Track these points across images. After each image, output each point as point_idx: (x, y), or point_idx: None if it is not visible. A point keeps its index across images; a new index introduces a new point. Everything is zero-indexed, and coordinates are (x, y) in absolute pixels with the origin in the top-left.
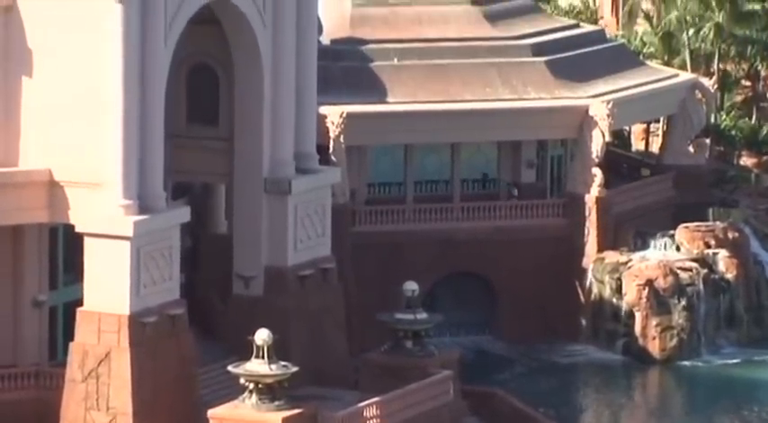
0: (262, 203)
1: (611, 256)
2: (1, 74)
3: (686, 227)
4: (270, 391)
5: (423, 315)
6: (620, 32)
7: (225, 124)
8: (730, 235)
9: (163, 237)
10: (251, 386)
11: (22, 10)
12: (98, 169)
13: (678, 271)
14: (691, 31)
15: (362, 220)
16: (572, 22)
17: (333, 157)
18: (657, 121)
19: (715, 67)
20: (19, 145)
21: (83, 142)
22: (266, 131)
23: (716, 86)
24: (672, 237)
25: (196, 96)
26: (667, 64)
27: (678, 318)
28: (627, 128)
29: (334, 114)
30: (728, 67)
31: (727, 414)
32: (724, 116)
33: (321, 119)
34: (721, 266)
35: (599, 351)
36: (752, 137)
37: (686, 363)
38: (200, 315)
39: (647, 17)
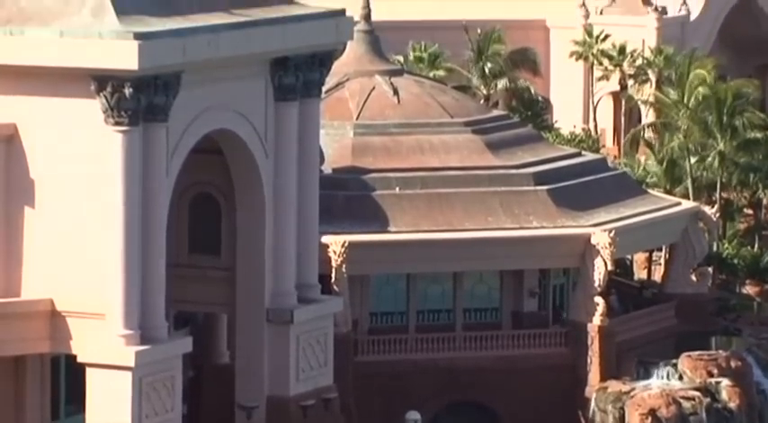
0: (264, 333)
1: (614, 386)
2: (2, 203)
3: (689, 356)
4: None
5: None
6: (623, 161)
7: (227, 254)
8: (733, 364)
9: (165, 367)
10: None
11: (24, 139)
12: (100, 299)
13: (681, 400)
14: (693, 160)
15: (365, 350)
16: (574, 150)
17: (335, 287)
18: (660, 250)
19: (717, 195)
20: (21, 275)
21: (84, 272)
22: (268, 261)
23: (718, 215)
24: (674, 366)
25: (198, 226)
26: (669, 192)
27: None
28: (629, 256)
29: (336, 244)
30: (731, 196)
31: None
32: (726, 244)
33: (323, 248)
34: (724, 395)
35: None
36: (754, 265)
37: None
38: None
39: (650, 145)
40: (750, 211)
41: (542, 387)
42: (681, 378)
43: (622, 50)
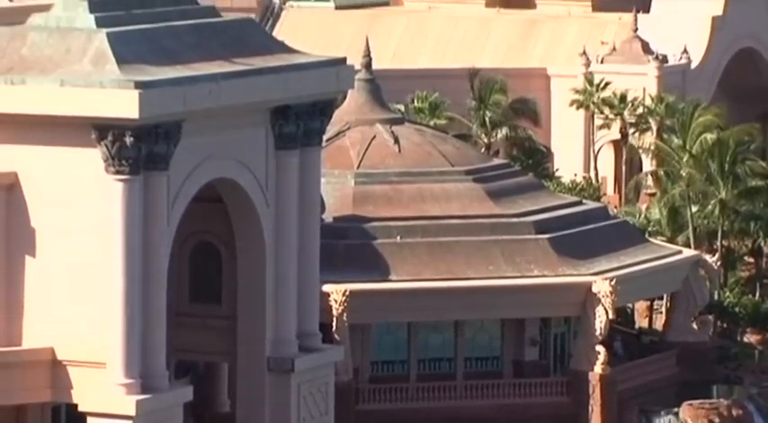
0: (265, 382)
1: None
2: (3, 252)
3: (690, 404)
4: None
5: None
6: (623, 209)
7: (228, 303)
8: (734, 412)
9: (165, 416)
10: None
11: (25, 188)
12: (100, 348)
13: None
14: (695, 208)
15: (366, 399)
16: (575, 199)
17: (336, 336)
18: (661, 298)
19: (718, 243)
20: (22, 324)
21: (85, 321)
22: (269, 310)
23: (719, 263)
24: (676, 414)
25: (199, 274)
26: (671, 240)
27: None
28: (630, 305)
29: (337, 292)
30: (732, 244)
31: None
32: (727, 293)
33: (324, 297)
34: None
35: None
36: (755, 314)
37: None
38: None
39: (651, 194)
40: (751, 260)
41: None
42: None
43: (623, 99)
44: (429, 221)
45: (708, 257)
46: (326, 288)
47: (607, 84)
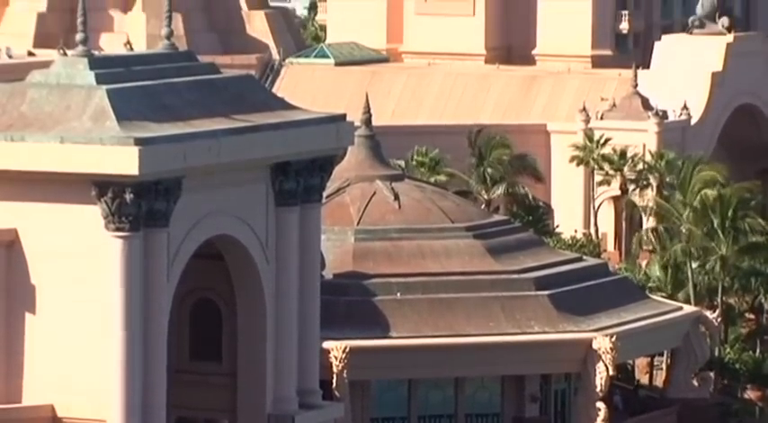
0: None
1: None
2: (3, 309)
3: None
4: None
5: None
6: (624, 265)
7: (228, 359)
8: None
9: None
10: None
11: (25, 245)
12: (100, 406)
13: None
14: (695, 264)
15: None
16: (575, 255)
17: (336, 393)
18: (661, 355)
19: (719, 299)
20: (22, 381)
21: (85, 378)
22: (269, 367)
23: (720, 319)
24: None
25: (199, 331)
26: (671, 297)
27: None
28: (631, 361)
29: (337, 349)
30: (732, 300)
31: None
32: (728, 349)
33: (324, 354)
34: None
35: None
36: (756, 370)
37: None
38: None
39: (652, 250)
40: (752, 316)
41: None
42: None
43: (623, 155)
44: (429, 278)
45: (708, 314)
46: (327, 345)
47: (607, 140)
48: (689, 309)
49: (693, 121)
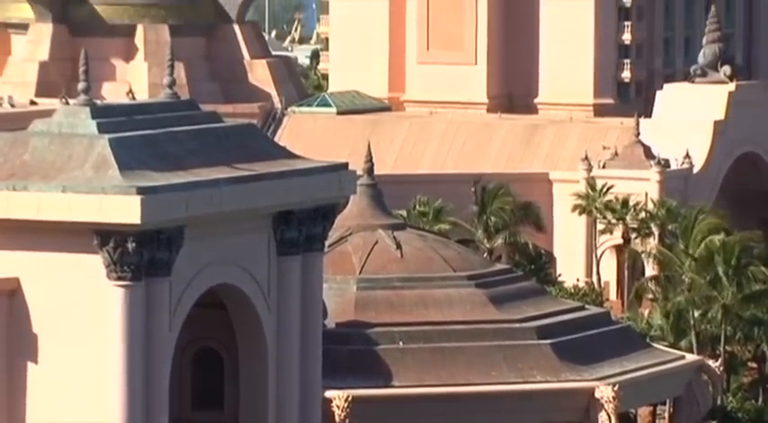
0: None
1: None
2: (4, 358)
3: None
4: None
5: None
6: (626, 314)
7: (230, 409)
8: None
9: None
10: None
11: (27, 294)
12: None
13: None
14: (697, 313)
15: None
16: (577, 304)
17: None
18: (664, 404)
19: (721, 348)
20: None
21: None
22: (271, 417)
23: (722, 368)
24: None
25: (200, 380)
26: (674, 345)
27: None
28: (633, 410)
29: (339, 399)
30: (735, 349)
31: None
32: (731, 398)
33: (326, 403)
34: None
35: None
36: (758, 419)
37: None
38: None
39: (654, 299)
40: (754, 365)
41: None
42: None
43: (625, 204)
44: (431, 327)
45: (711, 362)
46: (329, 394)
47: (609, 188)
48: (691, 357)
49: (696, 170)
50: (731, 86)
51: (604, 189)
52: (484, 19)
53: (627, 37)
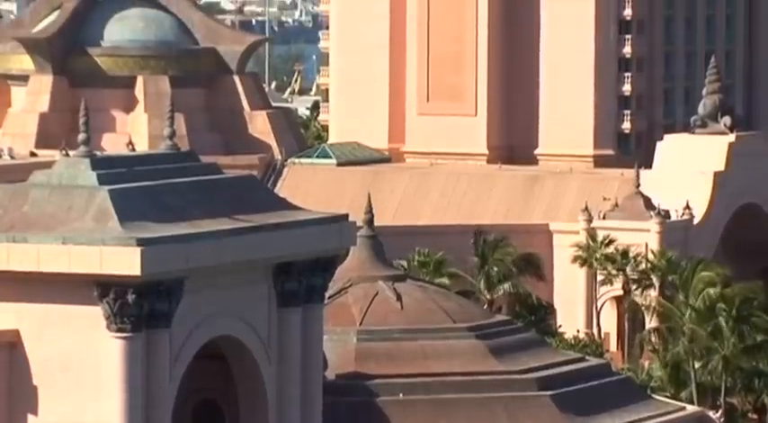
0: None
1: None
2: (5, 410)
3: None
4: None
5: None
6: (626, 366)
7: None
8: None
9: None
10: None
11: (27, 346)
12: None
13: None
14: (697, 364)
15: None
16: (577, 355)
17: None
18: None
19: (722, 399)
20: None
21: None
22: None
23: (723, 420)
24: None
25: None
26: (674, 397)
27: None
28: None
29: None
30: (735, 400)
31: None
32: None
33: None
34: None
35: None
36: None
37: None
38: None
39: (654, 350)
40: (755, 416)
41: None
42: None
43: (625, 255)
44: (432, 378)
45: (711, 414)
46: None
47: (610, 240)
48: (691, 409)
49: (696, 221)
50: (731, 137)
51: (605, 240)
52: (484, 70)
53: (627, 88)
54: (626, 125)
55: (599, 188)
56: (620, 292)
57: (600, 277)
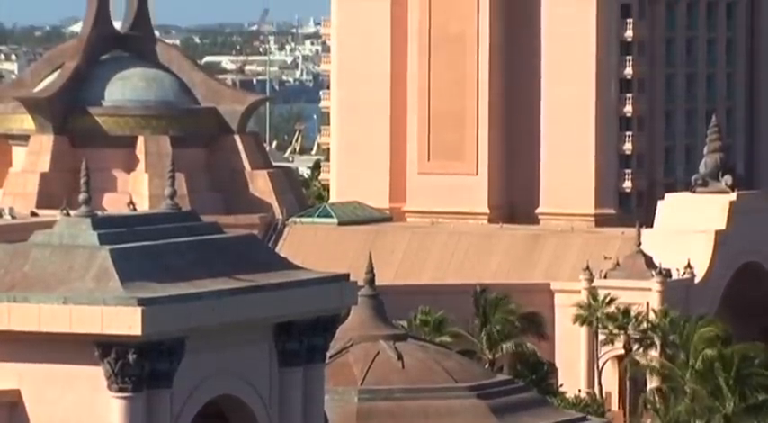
0: None
1: None
2: None
3: None
4: None
5: None
6: None
7: None
8: None
9: None
10: None
11: (28, 406)
12: None
13: None
14: None
15: None
16: (579, 414)
17: None
18: None
19: None
20: None
21: None
22: None
23: None
24: None
25: None
26: None
27: None
28: None
29: None
30: None
31: None
32: None
33: None
34: None
35: None
36: None
37: None
38: None
39: (656, 409)
40: None
41: None
42: None
43: (627, 314)
44: None
45: None
46: None
47: (612, 299)
48: None
49: (697, 280)
50: (732, 196)
51: (606, 299)
52: (485, 129)
53: (628, 147)
54: (627, 184)
55: (600, 247)
56: (622, 352)
57: (601, 336)
